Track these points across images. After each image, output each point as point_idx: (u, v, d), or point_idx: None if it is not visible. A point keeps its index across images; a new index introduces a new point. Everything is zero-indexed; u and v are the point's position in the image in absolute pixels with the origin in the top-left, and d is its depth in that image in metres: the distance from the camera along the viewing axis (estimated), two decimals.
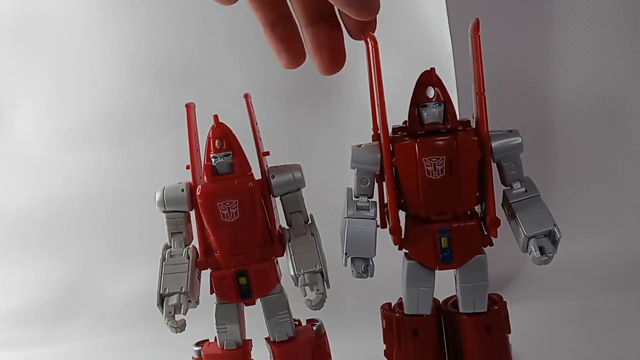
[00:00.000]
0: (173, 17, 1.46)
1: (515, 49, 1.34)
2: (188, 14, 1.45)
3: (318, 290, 0.80)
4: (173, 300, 0.80)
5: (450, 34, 1.31)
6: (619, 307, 1.20)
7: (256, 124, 0.87)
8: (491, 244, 0.82)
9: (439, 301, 0.89)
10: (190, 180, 0.85)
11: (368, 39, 0.78)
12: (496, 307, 0.84)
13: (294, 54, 0.77)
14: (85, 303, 1.47)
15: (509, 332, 0.86)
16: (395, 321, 0.85)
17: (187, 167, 0.85)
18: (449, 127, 0.79)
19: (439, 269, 0.82)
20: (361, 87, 1.34)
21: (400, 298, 0.89)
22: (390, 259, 0.85)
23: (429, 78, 0.80)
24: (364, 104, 0.90)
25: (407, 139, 0.80)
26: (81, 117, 1.49)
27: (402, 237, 0.82)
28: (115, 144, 1.48)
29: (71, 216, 1.50)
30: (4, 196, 1.53)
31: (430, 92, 0.79)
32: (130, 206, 1.48)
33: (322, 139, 1.39)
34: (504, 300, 0.87)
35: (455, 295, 0.88)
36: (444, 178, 0.77)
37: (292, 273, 0.82)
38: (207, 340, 0.91)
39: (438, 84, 0.79)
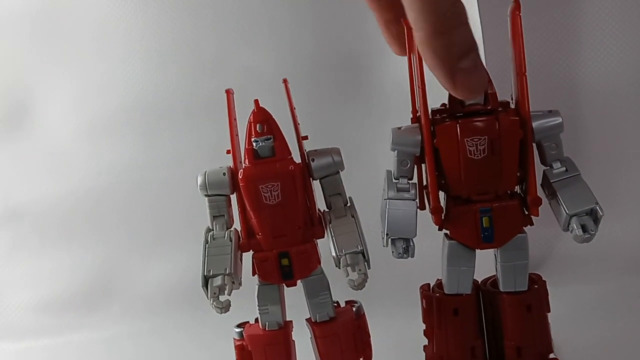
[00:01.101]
0: (199, 5, 1.47)
1: (545, 33, 1.33)
2: (214, 1, 1.46)
3: (360, 270, 0.81)
4: (217, 281, 0.81)
5: (480, 18, 1.31)
6: None
7: (294, 108, 0.88)
8: (531, 224, 0.83)
9: (478, 281, 0.90)
10: (231, 164, 0.86)
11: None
12: (536, 286, 0.85)
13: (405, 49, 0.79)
14: (116, 291, 1.50)
15: (549, 311, 0.87)
16: (435, 301, 0.86)
17: (228, 152, 0.87)
18: (489, 107, 0.79)
19: (480, 249, 0.82)
20: (395, 71, 1.36)
21: (439, 279, 0.90)
22: (427, 241, 0.86)
23: None
24: (400, 87, 0.91)
25: (448, 120, 0.80)
26: (109, 109, 1.51)
27: (443, 217, 0.82)
28: (144, 134, 1.51)
29: (98, 207, 1.53)
30: (32, 189, 1.56)
31: None
32: (156, 196, 1.50)
33: (358, 122, 1.39)
34: (544, 279, 0.87)
35: (494, 276, 0.89)
36: (486, 158, 0.78)
37: (333, 254, 0.83)
38: (248, 322, 0.92)
39: None
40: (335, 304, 0.91)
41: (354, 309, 0.91)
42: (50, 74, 1.52)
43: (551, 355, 0.87)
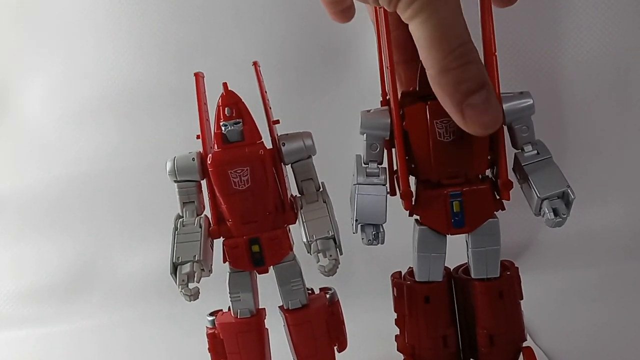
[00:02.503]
0: None
1: (526, 17, 1.32)
2: None
3: (331, 256, 0.80)
4: (186, 268, 0.80)
5: None
6: (632, 275, 1.19)
7: (265, 92, 0.87)
8: (503, 208, 0.82)
9: (449, 269, 0.88)
10: (201, 150, 0.85)
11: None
12: (508, 273, 0.84)
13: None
14: (97, 280, 1.49)
15: (521, 298, 0.86)
16: (406, 289, 0.85)
17: (198, 137, 0.85)
18: None
19: (451, 234, 0.81)
20: (367, 53, 1.35)
21: (411, 267, 0.88)
22: (399, 228, 0.85)
23: None
24: (371, 70, 0.89)
25: (417, 102, 0.79)
26: (89, 96, 1.50)
27: (413, 202, 0.81)
28: (124, 121, 1.49)
29: (82, 194, 1.51)
30: (15, 176, 1.54)
31: None
32: (140, 183, 1.49)
33: (329, 106, 1.38)
34: (516, 265, 0.86)
35: (465, 263, 0.88)
36: (456, 140, 0.76)
37: (304, 240, 0.82)
38: (221, 310, 0.91)
39: None
40: (310, 291, 0.90)
41: (327, 295, 0.90)
42: (33, 60, 1.51)
43: (524, 343, 0.86)
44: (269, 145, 0.85)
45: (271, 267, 0.86)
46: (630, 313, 1.07)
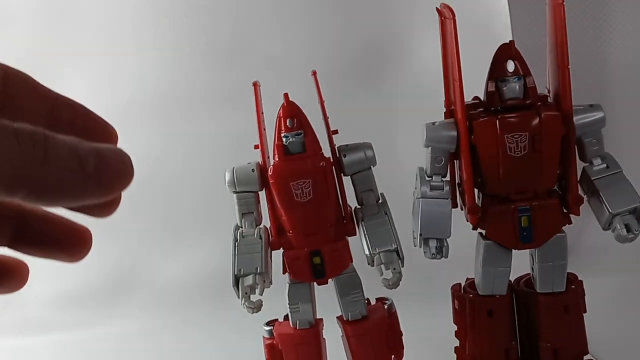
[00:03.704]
0: None
1: (573, 21, 1.29)
2: None
3: (395, 269, 0.79)
4: (249, 280, 0.80)
5: (508, 3, 1.27)
6: None
7: (324, 101, 0.86)
8: (570, 222, 0.80)
9: (511, 281, 0.87)
10: (259, 160, 0.84)
11: (443, 10, 0.75)
12: (573, 286, 0.83)
13: None
14: (139, 284, 1.48)
15: (585, 312, 0.85)
16: (468, 302, 0.84)
17: (256, 147, 0.84)
18: (528, 102, 0.76)
19: (518, 249, 0.80)
20: (422, 61, 1.33)
21: (469, 278, 0.88)
22: (455, 239, 0.83)
23: (507, 51, 0.77)
24: (426, 78, 0.87)
25: (485, 115, 0.77)
26: (123, 100, 1.48)
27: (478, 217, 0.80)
28: (161, 125, 1.48)
29: (124, 197, 1.51)
30: None
31: (510, 66, 0.76)
32: (182, 186, 1.48)
33: (381, 115, 1.36)
34: (580, 279, 0.85)
35: (527, 274, 0.87)
36: (526, 155, 0.75)
37: (367, 252, 0.81)
38: (277, 319, 0.91)
39: (517, 57, 0.77)
40: (366, 301, 0.89)
41: (385, 306, 0.89)
42: (63, 64, 1.49)
43: (587, 357, 0.85)
44: (328, 155, 0.84)
45: (330, 278, 0.85)
46: None
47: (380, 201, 0.85)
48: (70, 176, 0.35)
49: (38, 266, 1.51)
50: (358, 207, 0.85)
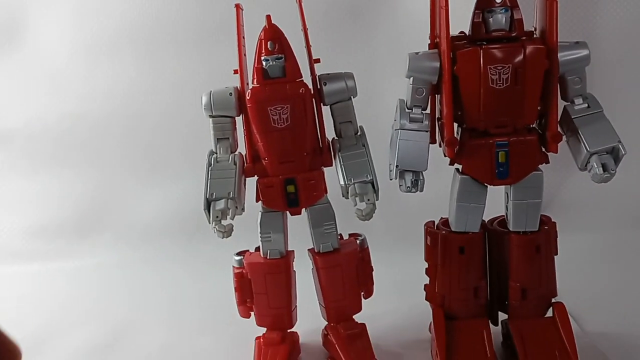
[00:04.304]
0: None
1: None
2: None
3: (369, 200, 0.78)
4: (220, 204, 0.78)
5: None
6: None
7: (307, 28, 0.84)
8: (547, 161, 0.80)
9: (484, 221, 0.87)
10: (238, 85, 0.82)
11: None
12: (546, 227, 0.83)
13: None
14: (109, 218, 1.46)
15: (557, 254, 0.85)
16: (441, 238, 0.84)
17: (235, 72, 0.82)
18: (514, 34, 0.75)
19: (494, 185, 0.79)
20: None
21: (443, 217, 0.87)
22: (431, 178, 0.83)
23: None
24: (410, 14, 0.84)
25: (468, 46, 0.76)
26: (106, 28, 1.43)
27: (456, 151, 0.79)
28: (143, 56, 1.43)
29: (95, 131, 1.47)
30: (26, 110, 1.49)
31: None
32: (157, 121, 1.45)
33: (368, 49, 1.34)
34: (553, 221, 0.85)
35: (501, 216, 0.87)
36: (509, 88, 0.74)
37: (342, 182, 0.80)
38: (247, 250, 0.90)
39: None
40: (339, 236, 0.88)
41: (357, 241, 0.88)
42: None
43: (555, 299, 0.85)
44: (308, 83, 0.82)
45: (304, 209, 0.84)
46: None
47: (358, 133, 0.84)
48: None
49: (7, 196, 1.48)
50: (336, 138, 0.84)
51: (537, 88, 0.75)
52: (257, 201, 0.84)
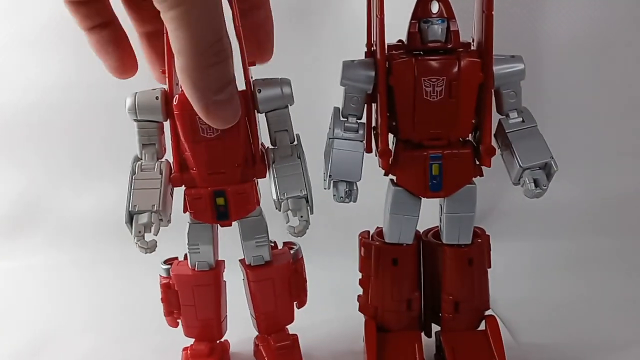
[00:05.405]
0: None
1: None
2: None
3: (302, 217, 0.75)
4: (144, 218, 0.74)
5: None
6: (592, 250, 1.21)
7: (240, 27, 0.79)
8: (481, 174, 0.79)
9: (419, 232, 0.86)
10: (166, 87, 0.77)
11: None
12: (479, 240, 0.82)
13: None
14: (45, 216, 1.40)
15: (490, 267, 0.85)
16: (374, 249, 0.82)
17: (162, 72, 0.77)
18: (450, 46, 0.73)
19: (427, 197, 0.78)
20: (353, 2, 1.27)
21: (379, 227, 0.86)
22: (369, 187, 0.81)
23: None
24: (356, 19, 0.82)
25: (404, 56, 0.74)
26: (44, 18, 1.36)
27: (390, 162, 0.78)
28: (82, 48, 1.36)
29: (31, 125, 1.40)
30: None
31: (435, 7, 0.73)
32: (97, 116, 1.39)
33: (308, 54, 1.31)
34: (487, 234, 0.85)
35: (436, 227, 0.86)
36: (442, 101, 0.73)
37: (274, 197, 0.76)
38: (176, 258, 0.86)
39: None
40: (272, 244, 0.85)
41: (291, 251, 0.86)
42: None
43: (488, 312, 0.85)
44: (242, 88, 0.78)
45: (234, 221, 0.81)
46: (588, 286, 1.09)
47: (294, 143, 0.80)
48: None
49: None
50: (270, 147, 0.80)
51: (472, 101, 0.74)
52: (184, 212, 0.80)
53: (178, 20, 0.60)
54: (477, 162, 0.78)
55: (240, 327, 0.89)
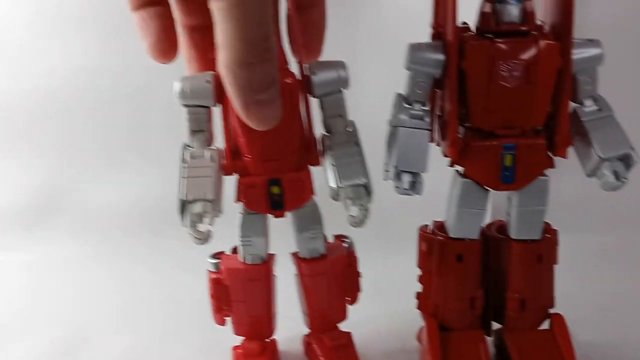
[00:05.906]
0: None
1: None
2: None
3: (362, 205, 0.71)
4: (197, 208, 0.69)
5: None
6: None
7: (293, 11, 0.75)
8: (553, 166, 0.74)
9: (482, 226, 0.81)
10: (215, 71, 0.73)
11: None
12: (548, 236, 0.78)
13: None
14: (67, 208, 1.36)
15: (557, 263, 0.80)
16: (438, 244, 0.78)
17: (211, 56, 0.72)
18: (525, 29, 0.68)
19: (498, 190, 0.73)
20: None
21: (436, 221, 0.81)
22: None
23: None
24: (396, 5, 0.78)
25: (478, 39, 0.69)
26: (68, 2, 1.32)
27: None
28: (108, 34, 1.32)
29: (55, 112, 1.36)
30: None
31: None
32: (122, 104, 1.35)
33: (364, 38, 1.25)
34: (554, 228, 0.80)
35: (498, 221, 0.82)
36: (519, 86, 0.68)
37: (332, 185, 0.72)
38: (223, 252, 0.82)
39: None
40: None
41: (345, 245, 0.82)
42: None
43: (552, 310, 0.81)
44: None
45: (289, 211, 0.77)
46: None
47: (350, 129, 0.76)
48: None
49: None
50: (325, 134, 0.76)
51: (549, 87, 0.69)
52: (236, 202, 0.76)
53: (226, 12, 0.57)
54: (549, 153, 0.73)
55: (287, 325, 0.85)
